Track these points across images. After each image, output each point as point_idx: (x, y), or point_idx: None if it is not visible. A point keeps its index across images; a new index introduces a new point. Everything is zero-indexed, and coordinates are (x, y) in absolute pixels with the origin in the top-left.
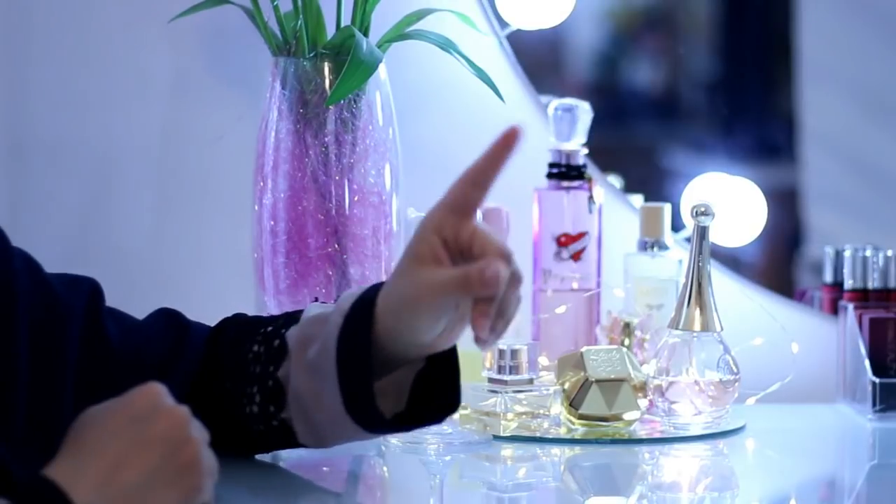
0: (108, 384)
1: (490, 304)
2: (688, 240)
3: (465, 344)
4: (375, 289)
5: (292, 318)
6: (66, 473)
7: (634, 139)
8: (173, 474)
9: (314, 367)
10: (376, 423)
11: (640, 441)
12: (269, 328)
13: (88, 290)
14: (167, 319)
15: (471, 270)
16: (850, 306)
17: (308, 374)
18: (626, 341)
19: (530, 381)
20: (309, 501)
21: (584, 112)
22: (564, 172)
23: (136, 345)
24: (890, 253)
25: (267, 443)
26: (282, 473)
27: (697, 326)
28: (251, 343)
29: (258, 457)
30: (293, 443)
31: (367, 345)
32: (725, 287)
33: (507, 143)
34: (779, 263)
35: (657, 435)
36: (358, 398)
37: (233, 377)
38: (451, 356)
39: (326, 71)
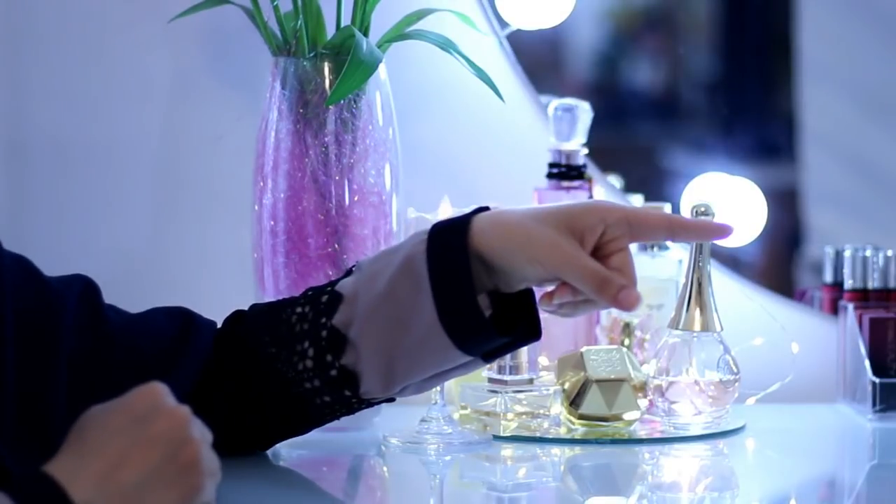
0: (108, 373)
1: (577, 295)
2: None
3: None
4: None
5: (332, 282)
6: (65, 470)
7: (634, 139)
8: (173, 474)
9: (390, 292)
10: (473, 330)
11: (640, 441)
12: (310, 292)
13: (82, 283)
14: (172, 311)
15: (616, 280)
16: (850, 306)
17: (383, 303)
18: (626, 341)
19: (530, 381)
20: (309, 501)
21: (584, 112)
22: (564, 172)
23: (138, 333)
24: (890, 253)
25: (318, 403)
26: (282, 473)
27: (697, 326)
28: (292, 308)
29: (258, 457)
30: (352, 394)
31: (465, 248)
32: (725, 287)
33: (718, 231)
34: (779, 263)
35: (657, 435)
36: (455, 303)
37: (277, 342)
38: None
39: (326, 71)
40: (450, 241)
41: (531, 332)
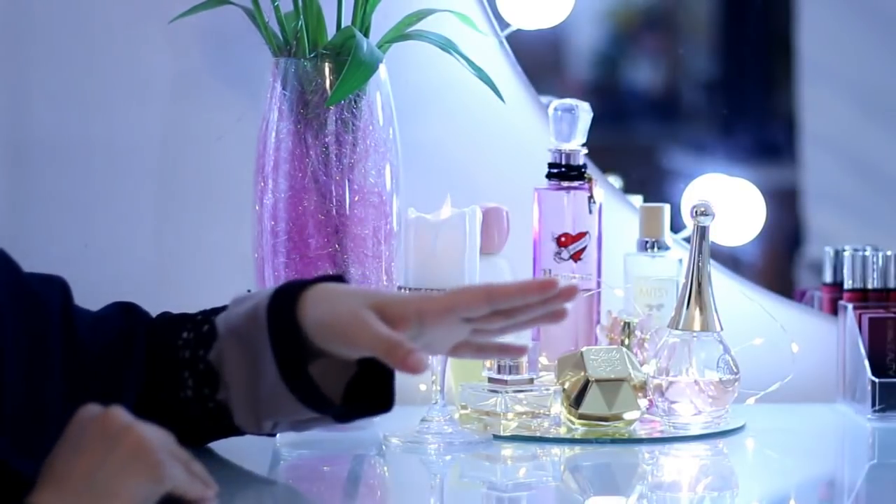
0: (80, 381)
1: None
2: (688, 240)
3: None
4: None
5: (221, 308)
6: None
7: (634, 139)
8: (126, 459)
9: (247, 340)
10: (312, 395)
11: (640, 441)
12: (199, 316)
13: (61, 288)
14: (124, 314)
15: (403, 345)
16: (850, 306)
17: (242, 349)
18: (626, 341)
19: (530, 381)
20: (309, 501)
21: (584, 112)
22: (564, 172)
23: (98, 342)
24: (889, 253)
25: (205, 428)
26: (282, 474)
27: (697, 326)
28: (181, 331)
29: (259, 456)
30: (230, 426)
31: (295, 319)
32: (725, 287)
33: (538, 289)
34: (779, 263)
35: (657, 435)
36: (292, 365)
37: (165, 365)
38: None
39: (327, 71)
40: (282, 310)
41: (381, 401)
